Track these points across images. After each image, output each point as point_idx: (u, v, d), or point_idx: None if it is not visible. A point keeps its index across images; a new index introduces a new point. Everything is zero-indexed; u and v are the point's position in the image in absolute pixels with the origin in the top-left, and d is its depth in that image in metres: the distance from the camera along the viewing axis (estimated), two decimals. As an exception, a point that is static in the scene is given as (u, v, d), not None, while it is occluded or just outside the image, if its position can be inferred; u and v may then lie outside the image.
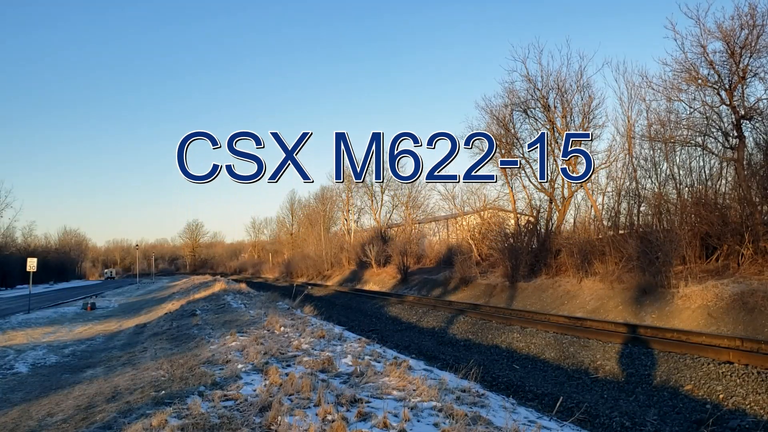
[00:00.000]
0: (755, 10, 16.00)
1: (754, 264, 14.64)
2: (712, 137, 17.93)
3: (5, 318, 23.05)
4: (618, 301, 16.66)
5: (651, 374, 9.22)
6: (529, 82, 25.24)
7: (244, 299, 23.16)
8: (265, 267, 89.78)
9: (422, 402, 5.88)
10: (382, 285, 36.99)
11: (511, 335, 13.46)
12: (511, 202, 28.59)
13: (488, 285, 24.84)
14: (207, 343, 11.16)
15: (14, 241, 74.12)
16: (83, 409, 7.07)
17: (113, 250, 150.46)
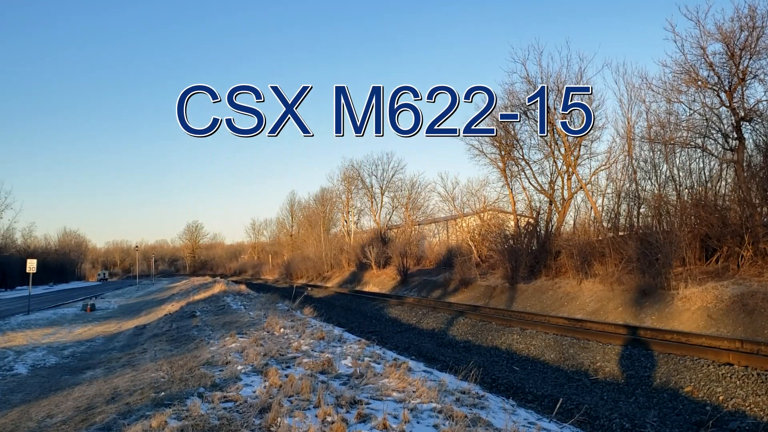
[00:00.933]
0: (755, 12, 16.05)
1: (753, 266, 14.64)
2: (711, 139, 17.97)
3: (5, 319, 23.03)
4: (618, 302, 16.66)
5: (651, 376, 9.21)
6: (529, 83, 25.28)
7: (243, 300, 23.14)
8: (265, 268, 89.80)
9: (422, 403, 5.87)
10: (381, 286, 36.98)
11: (510, 337, 13.45)
12: (510, 204, 28.63)
13: (488, 286, 24.83)
14: (207, 345, 11.15)
15: (14, 242, 74.20)
16: (83, 411, 7.06)
17: (113, 251, 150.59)
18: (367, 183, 56.08)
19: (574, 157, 24.66)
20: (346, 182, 58.54)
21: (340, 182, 60.02)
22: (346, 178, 58.26)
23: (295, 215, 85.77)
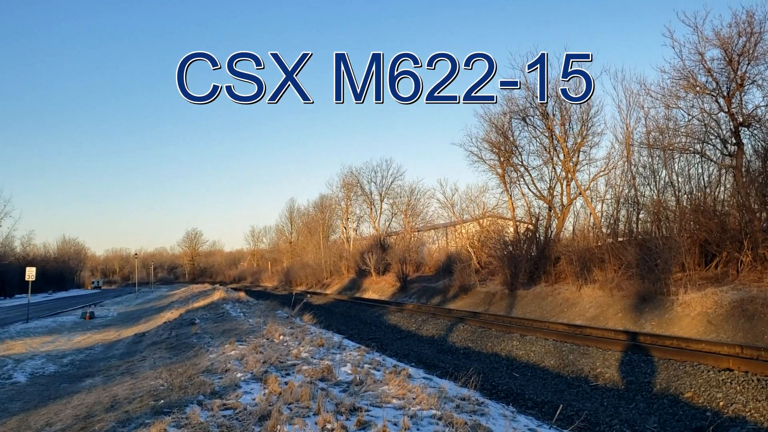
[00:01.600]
0: (753, 18, 16.13)
1: (753, 271, 14.64)
2: (710, 144, 18.02)
3: (4, 327, 22.97)
4: (617, 308, 16.65)
5: (651, 382, 9.20)
6: (527, 90, 25.36)
7: (243, 308, 23.10)
8: (264, 275, 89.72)
9: (422, 410, 5.86)
10: (381, 293, 36.94)
11: (510, 343, 13.43)
12: (510, 210, 28.64)
13: (488, 293, 24.81)
14: (206, 352, 11.12)
15: (13, 250, 74.07)
16: (82, 419, 7.04)
17: (112, 259, 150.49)
18: (366, 189, 56.14)
19: (573, 163, 24.72)
20: (345, 189, 58.56)
21: (339, 189, 60.07)
22: (345, 184, 58.30)
23: (295, 222, 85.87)
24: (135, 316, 31.28)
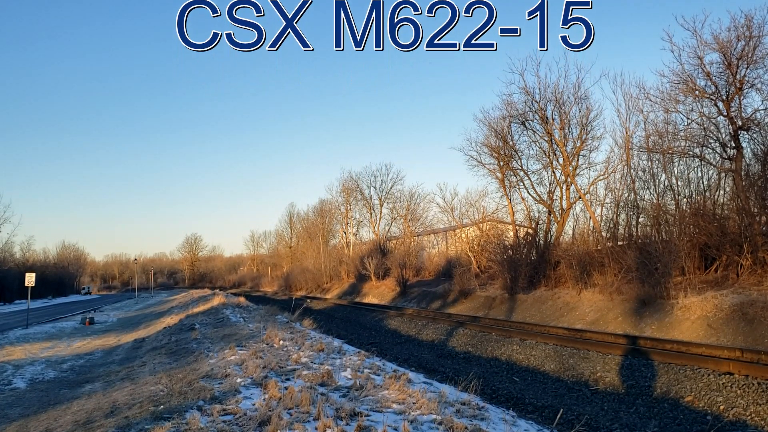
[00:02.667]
0: (751, 22, 16.19)
1: (753, 274, 14.65)
2: (709, 148, 18.04)
3: (3, 333, 22.93)
4: (617, 312, 16.64)
5: (651, 386, 9.19)
6: (527, 94, 25.45)
7: (243, 313, 23.07)
8: (264, 280, 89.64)
9: (422, 415, 5.85)
10: (381, 298, 36.91)
11: (510, 347, 13.42)
12: (509, 214, 28.67)
13: (487, 297, 24.79)
14: (206, 357, 11.11)
15: (12, 256, 73.89)
16: (81, 425, 7.03)
17: (112, 265, 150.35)
18: (366, 194, 56.24)
19: (572, 167, 24.75)
20: (345, 194, 58.63)
21: (339, 194, 60.16)
22: (345, 189, 58.37)
23: (294, 227, 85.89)
24: (135, 322, 31.24)
